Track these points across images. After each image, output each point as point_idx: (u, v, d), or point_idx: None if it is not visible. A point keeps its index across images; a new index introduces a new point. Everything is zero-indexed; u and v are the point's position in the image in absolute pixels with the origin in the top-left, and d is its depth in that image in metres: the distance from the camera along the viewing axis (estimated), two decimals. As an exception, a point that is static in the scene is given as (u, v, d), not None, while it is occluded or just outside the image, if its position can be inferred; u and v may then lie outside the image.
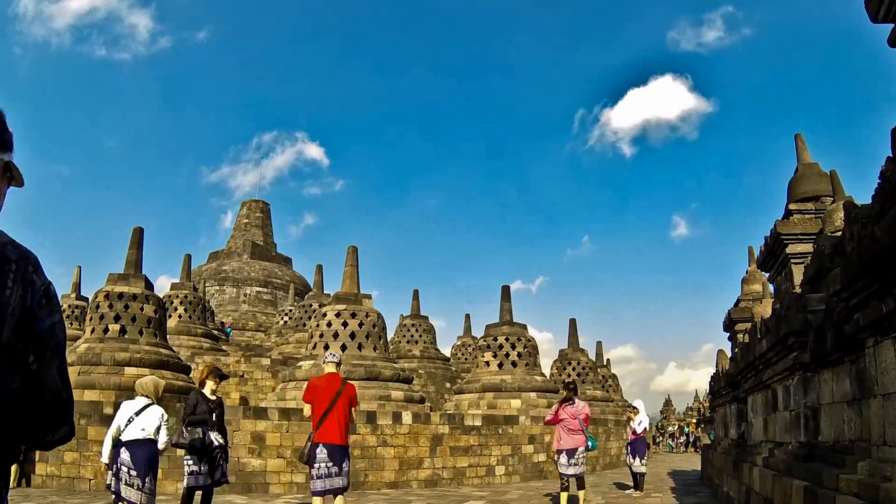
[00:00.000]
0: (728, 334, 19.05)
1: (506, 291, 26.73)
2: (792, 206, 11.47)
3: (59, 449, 15.16)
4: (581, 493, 12.42)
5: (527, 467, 20.04)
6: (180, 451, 12.28)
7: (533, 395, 24.29)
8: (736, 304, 19.01)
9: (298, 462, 10.94)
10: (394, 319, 48.52)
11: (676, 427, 63.30)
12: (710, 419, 33.25)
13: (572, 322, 35.71)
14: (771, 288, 14.69)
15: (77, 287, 36.45)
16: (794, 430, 8.00)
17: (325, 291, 39.83)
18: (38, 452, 15.26)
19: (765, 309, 14.14)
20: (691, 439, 49.20)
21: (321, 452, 9.00)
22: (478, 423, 18.91)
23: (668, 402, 74.33)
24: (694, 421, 59.65)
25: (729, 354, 19.10)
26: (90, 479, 14.98)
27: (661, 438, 61.86)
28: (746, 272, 20.01)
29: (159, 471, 9.67)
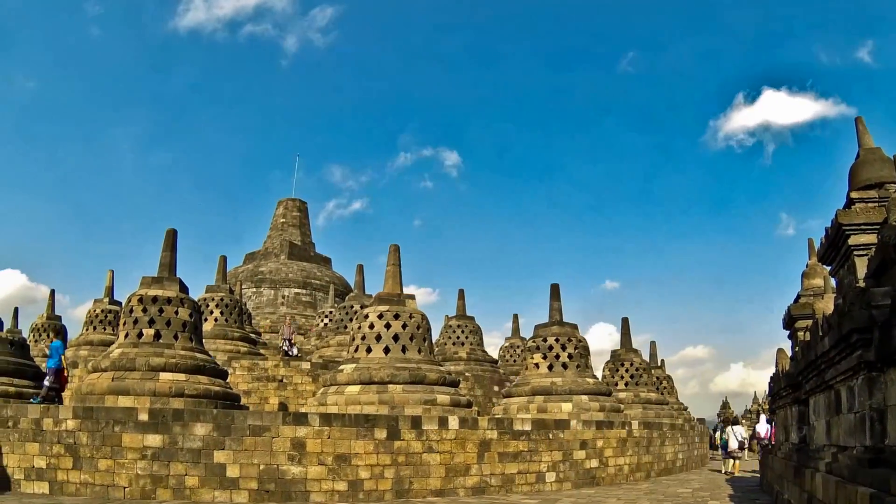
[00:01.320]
0: (788, 332, 18.83)
1: (555, 290, 26.66)
2: (854, 195, 11.32)
3: (92, 456, 15.41)
4: None
5: (578, 474, 20.00)
6: None
7: (584, 398, 24.21)
8: (796, 300, 18.77)
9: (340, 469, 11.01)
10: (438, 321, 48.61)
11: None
12: (770, 422, 32.92)
13: (625, 321, 35.49)
14: (833, 282, 14.51)
15: (110, 291, 36.83)
16: (859, 434, 7.92)
17: (366, 292, 39.91)
18: (71, 460, 15.54)
19: (826, 305, 14.02)
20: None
21: None
22: (527, 427, 18.89)
23: (725, 405, 73.61)
24: (746, 424, 58.88)
25: (789, 354, 18.91)
26: (125, 487, 15.20)
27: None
28: (807, 266, 19.78)
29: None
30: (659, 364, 46.41)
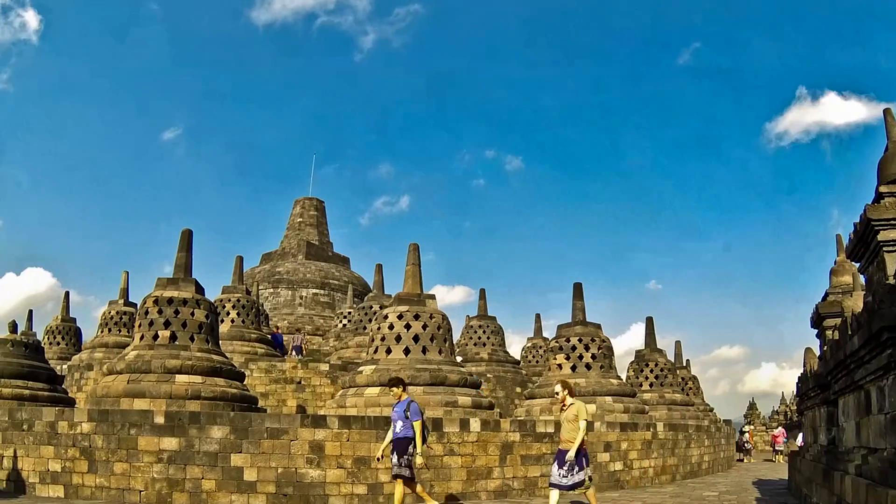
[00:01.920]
0: (816, 331, 18.73)
1: (578, 289, 26.64)
2: (883, 189, 11.23)
3: (108, 459, 15.52)
4: None
5: (602, 477, 19.97)
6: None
7: (608, 399, 24.21)
8: (824, 298, 18.68)
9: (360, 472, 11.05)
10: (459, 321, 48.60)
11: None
12: (798, 423, 32.78)
13: (649, 321, 35.40)
14: (862, 279, 14.44)
15: (125, 293, 37.06)
16: (890, 435, 7.90)
17: (385, 292, 39.96)
18: (87, 463, 15.65)
19: (855, 302, 13.94)
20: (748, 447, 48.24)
21: None
22: (550, 429, 18.87)
23: (752, 406, 73.23)
24: (751, 428, 58.62)
25: (817, 353, 18.82)
26: (141, 491, 15.31)
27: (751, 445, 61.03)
28: (835, 262, 19.68)
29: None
30: (684, 364, 46.30)
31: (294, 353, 37.33)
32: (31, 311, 40.00)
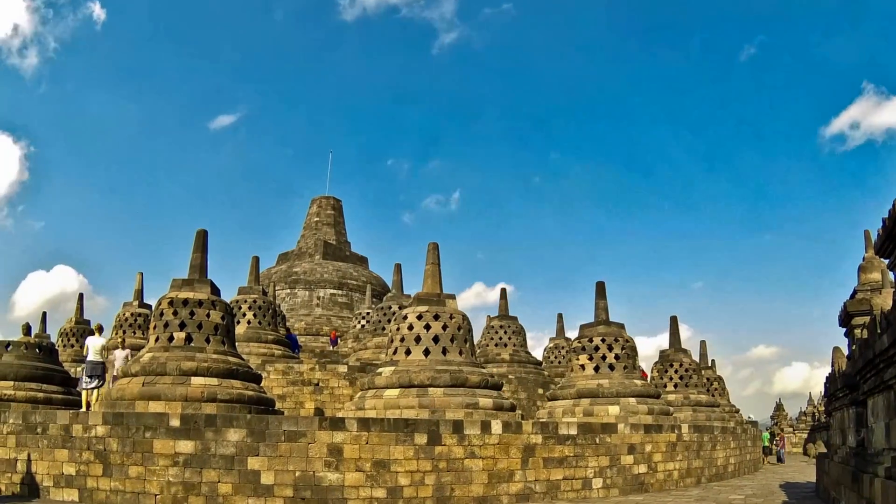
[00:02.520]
0: (844, 330, 18.62)
1: (600, 288, 26.58)
2: (913, 185, 11.18)
3: (123, 462, 15.59)
4: None
5: (626, 479, 19.95)
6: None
7: (632, 400, 24.15)
8: (853, 296, 18.58)
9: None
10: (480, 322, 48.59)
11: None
12: (826, 425, 32.61)
13: (673, 320, 35.25)
14: (892, 276, 14.38)
15: (139, 294, 37.22)
16: (920, 435, 7.87)
17: (404, 292, 39.96)
18: (101, 466, 15.73)
19: (885, 300, 13.90)
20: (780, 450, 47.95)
21: None
22: (573, 431, 18.87)
23: (779, 407, 72.83)
24: (778, 429, 58.34)
25: (846, 352, 18.72)
26: (156, 495, 15.40)
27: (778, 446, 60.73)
28: (863, 259, 19.58)
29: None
30: (710, 364, 46.14)
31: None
32: (44, 314, 40.23)
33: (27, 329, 24.40)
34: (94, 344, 21.02)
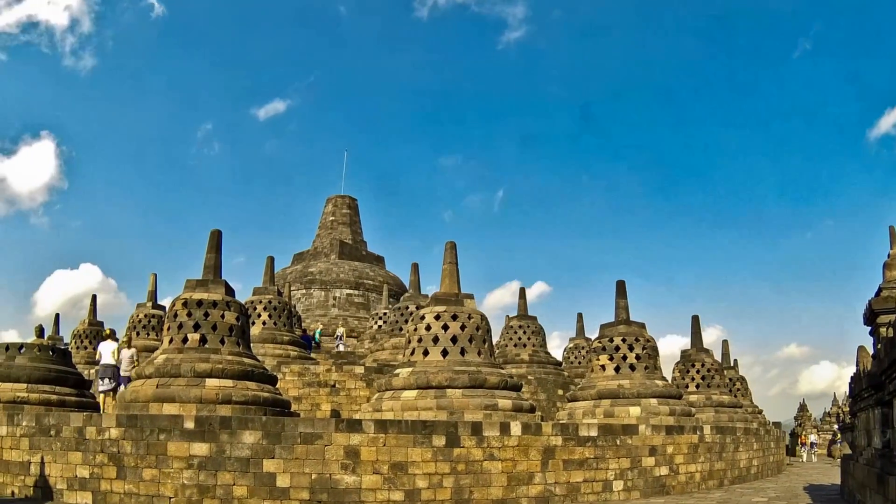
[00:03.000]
0: (870, 328, 18.43)
1: (621, 287, 26.49)
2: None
3: (137, 465, 15.60)
4: None
5: (647, 482, 19.85)
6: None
7: (653, 401, 24.05)
8: (878, 294, 18.39)
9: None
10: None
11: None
12: (851, 426, 32.41)
13: (695, 319, 35.07)
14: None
15: (153, 295, 37.30)
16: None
17: (422, 292, 39.92)
18: (115, 469, 15.75)
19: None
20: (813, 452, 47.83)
21: None
22: (593, 433, 18.79)
23: (802, 408, 72.55)
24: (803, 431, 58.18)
25: (871, 351, 18.55)
26: (170, 497, 15.38)
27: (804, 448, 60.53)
28: (888, 256, 19.39)
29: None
30: (732, 364, 45.96)
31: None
32: (57, 315, 40.43)
33: (40, 331, 24.50)
34: (106, 348, 21.38)
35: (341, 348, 38.22)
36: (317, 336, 43.87)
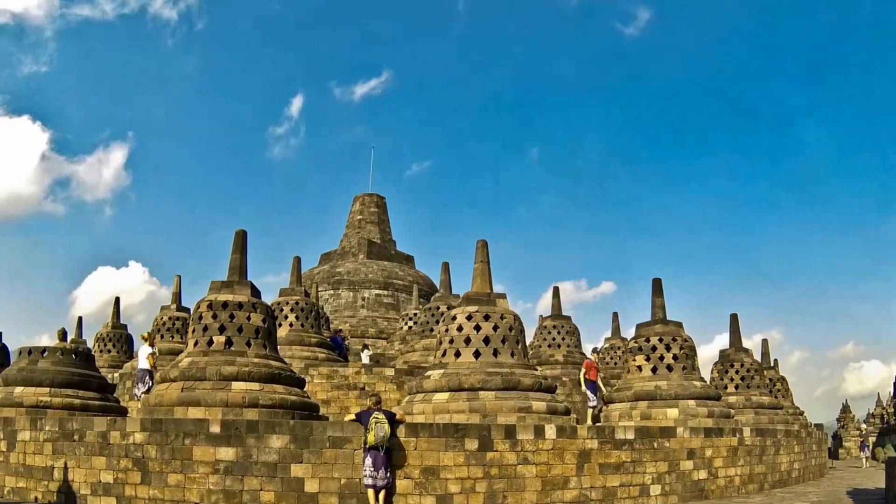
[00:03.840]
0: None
1: (657, 285, 26.33)
2: None
3: (162, 470, 15.65)
4: None
5: (685, 486, 19.69)
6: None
7: (691, 403, 23.88)
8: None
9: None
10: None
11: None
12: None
13: (733, 318, 34.70)
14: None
15: (177, 297, 37.39)
16: None
17: (453, 292, 39.82)
18: (140, 474, 15.80)
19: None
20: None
21: None
22: (630, 436, 18.66)
23: (845, 409, 71.97)
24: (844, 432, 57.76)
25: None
26: (196, 503, 15.36)
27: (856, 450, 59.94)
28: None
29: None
30: (772, 364, 45.61)
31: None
32: (80, 318, 40.67)
33: (63, 334, 24.65)
34: (142, 353, 21.85)
35: (365, 359, 38.24)
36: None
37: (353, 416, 16.34)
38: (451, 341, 21.33)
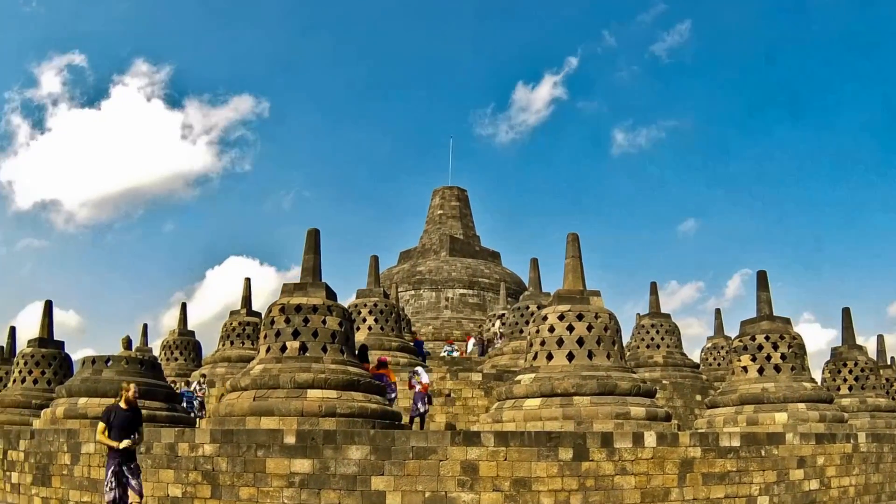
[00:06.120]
0: None
1: (762, 278, 25.84)
2: None
3: (233, 483, 15.68)
4: None
5: (795, 497, 19.19)
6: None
7: (801, 406, 23.36)
8: None
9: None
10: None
11: None
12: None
13: (846, 312, 33.89)
14: None
15: (247, 301, 37.51)
16: None
17: (543, 290, 39.47)
18: (210, 488, 15.83)
19: None
20: None
21: None
22: (735, 443, 18.25)
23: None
24: None
25: None
26: (270, 518, 15.39)
27: None
28: None
29: None
30: (888, 363, 44.57)
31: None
32: (146, 326, 41.27)
33: (127, 343, 24.93)
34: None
35: (455, 354, 38.06)
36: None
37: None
38: (543, 343, 21.13)
